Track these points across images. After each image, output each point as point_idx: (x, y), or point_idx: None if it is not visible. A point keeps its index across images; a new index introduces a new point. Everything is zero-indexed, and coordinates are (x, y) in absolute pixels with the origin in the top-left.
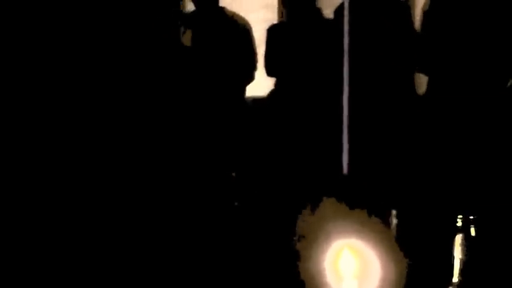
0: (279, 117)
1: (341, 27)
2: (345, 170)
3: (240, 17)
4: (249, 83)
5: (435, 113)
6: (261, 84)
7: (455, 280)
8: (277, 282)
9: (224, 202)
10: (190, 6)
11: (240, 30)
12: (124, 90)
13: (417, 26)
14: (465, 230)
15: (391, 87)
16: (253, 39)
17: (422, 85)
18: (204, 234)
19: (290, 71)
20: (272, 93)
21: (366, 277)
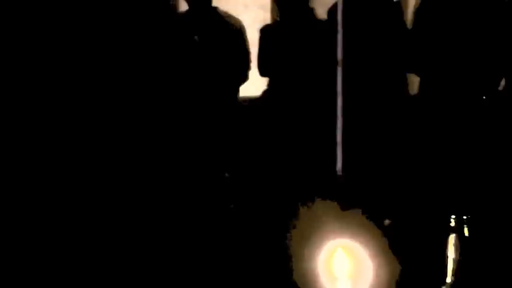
0: (273, 118)
1: (334, 27)
2: (339, 170)
3: (233, 17)
4: (243, 83)
5: (427, 114)
6: (255, 84)
7: (449, 280)
8: (272, 283)
9: (218, 202)
10: (184, 6)
11: (234, 30)
12: (118, 88)
13: (409, 26)
14: (458, 230)
15: (384, 88)
16: (247, 39)
17: (414, 85)
18: (199, 235)
19: (283, 71)
20: (265, 94)
21: (360, 277)
